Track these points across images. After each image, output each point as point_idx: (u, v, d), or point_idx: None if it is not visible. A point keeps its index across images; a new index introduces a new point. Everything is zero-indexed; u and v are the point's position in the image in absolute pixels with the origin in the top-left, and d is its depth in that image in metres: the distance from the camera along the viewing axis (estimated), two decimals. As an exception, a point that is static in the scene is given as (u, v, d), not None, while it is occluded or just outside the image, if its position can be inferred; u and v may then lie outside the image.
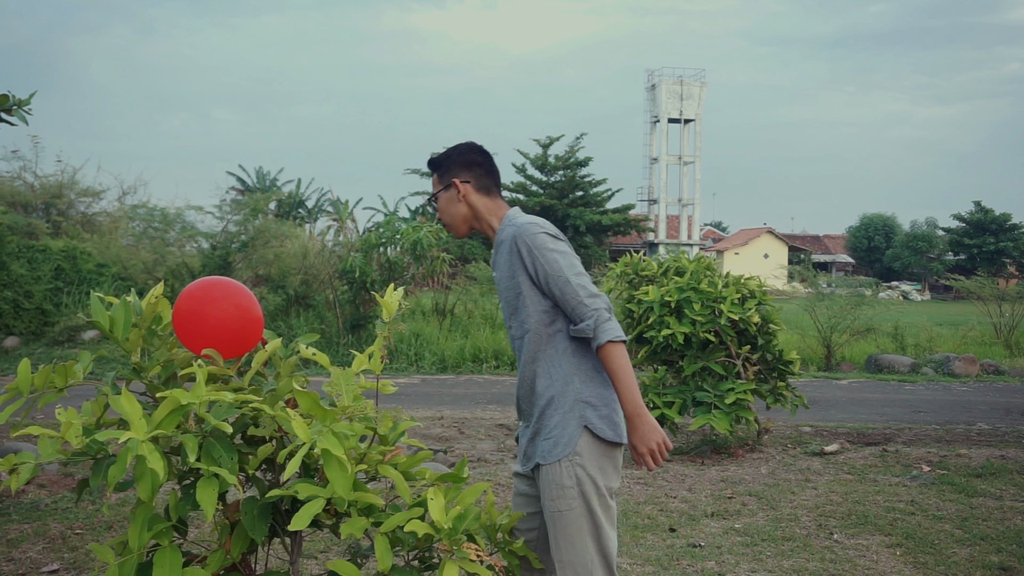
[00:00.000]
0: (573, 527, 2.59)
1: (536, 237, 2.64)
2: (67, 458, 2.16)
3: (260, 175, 52.24)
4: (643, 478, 6.50)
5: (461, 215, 2.83)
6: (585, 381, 2.64)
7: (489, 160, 2.89)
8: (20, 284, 15.10)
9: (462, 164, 2.84)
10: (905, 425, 9.39)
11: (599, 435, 2.61)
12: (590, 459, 2.60)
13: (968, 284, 18.84)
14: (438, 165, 2.86)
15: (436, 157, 2.87)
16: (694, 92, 62.45)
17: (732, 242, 67.52)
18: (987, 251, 57.11)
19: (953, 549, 4.85)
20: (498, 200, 2.86)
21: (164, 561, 2.16)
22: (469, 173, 2.83)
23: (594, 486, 2.60)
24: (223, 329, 2.49)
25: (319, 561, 4.51)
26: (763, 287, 7.68)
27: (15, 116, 5.38)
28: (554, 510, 2.60)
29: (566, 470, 2.59)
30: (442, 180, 2.85)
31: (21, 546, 4.77)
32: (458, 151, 2.86)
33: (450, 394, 11.65)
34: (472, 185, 2.82)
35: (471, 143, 2.90)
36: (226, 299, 2.55)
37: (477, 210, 2.82)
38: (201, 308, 2.51)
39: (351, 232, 22.39)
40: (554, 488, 2.60)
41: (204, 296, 2.55)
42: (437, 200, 2.87)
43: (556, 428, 2.63)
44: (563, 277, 2.60)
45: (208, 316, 2.50)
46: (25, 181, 19.31)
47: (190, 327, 2.49)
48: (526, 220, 2.70)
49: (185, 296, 2.54)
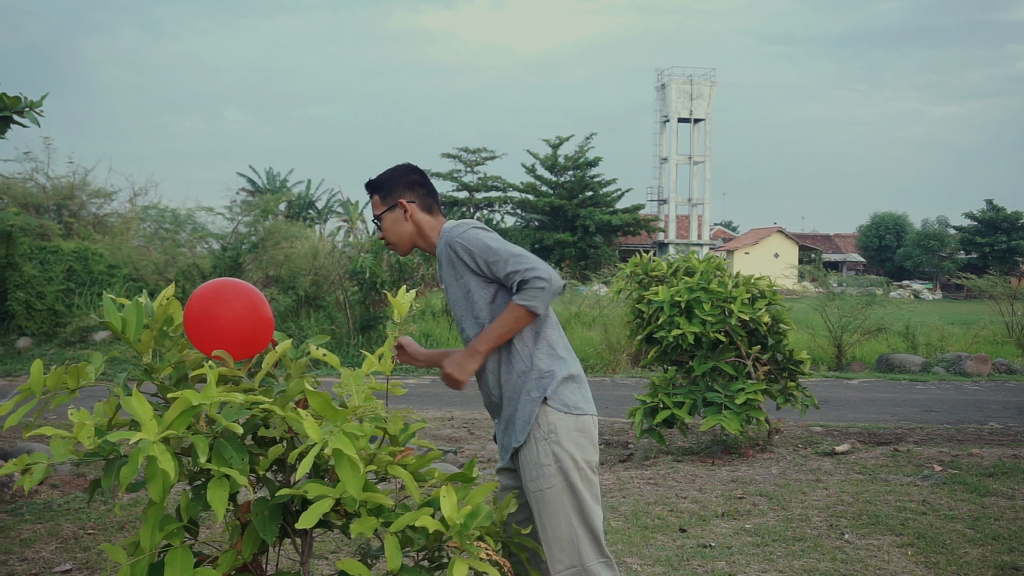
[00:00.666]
0: (556, 504, 2.65)
1: (465, 233, 2.78)
2: (79, 459, 2.17)
3: (270, 176, 52.37)
4: (653, 478, 6.50)
5: (407, 234, 2.94)
6: (543, 359, 2.76)
7: (428, 180, 3.02)
8: (32, 285, 15.17)
9: (405, 185, 2.95)
10: (916, 425, 9.35)
11: (559, 409, 2.70)
12: (564, 435, 2.69)
13: (980, 283, 18.75)
14: (380, 187, 2.96)
15: (377, 180, 2.97)
16: (704, 91, 62.33)
17: (742, 242, 67.38)
18: (999, 250, 56.79)
19: (965, 549, 4.83)
20: (439, 217, 2.98)
21: (175, 561, 2.17)
22: (413, 193, 2.95)
23: (573, 461, 2.68)
24: (234, 330, 2.51)
25: (329, 561, 4.52)
26: (773, 287, 7.67)
27: (27, 118, 5.41)
28: (535, 490, 2.67)
29: (542, 449, 2.67)
30: (386, 201, 2.95)
31: (34, 546, 4.79)
32: (399, 172, 2.96)
33: (460, 395, 11.65)
34: (417, 205, 2.93)
35: (408, 164, 3.02)
36: (237, 300, 2.57)
37: (421, 228, 2.93)
38: (212, 309, 2.53)
39: (361, 233, 22.37)
40: (533, 468, 2.68)
41: (215, 297, 2.57)
42: (382, 220, 2.95)
43: (521, 411, 2.73)
44: (490, 248, 2.72)
45: (219, 317, 2.51)
46: (37, 183, 19.39)
47: (201, 329, 2.50)
48: (451, 224, 2.84)
49: (196, 298, 2.56)
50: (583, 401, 2.79)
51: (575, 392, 2.78)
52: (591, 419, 2.79)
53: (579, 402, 2.77)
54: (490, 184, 47.81)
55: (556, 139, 47.38)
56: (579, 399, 2.78)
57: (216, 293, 2.59)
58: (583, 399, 2.80)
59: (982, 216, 58.99)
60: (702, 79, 62.74)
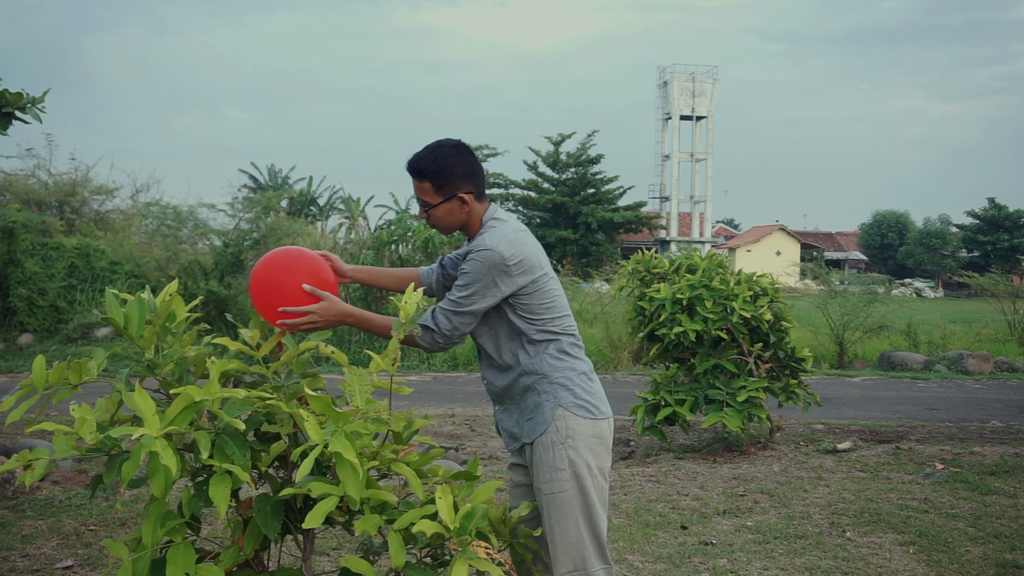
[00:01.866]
0: (566, 508, 2.66)
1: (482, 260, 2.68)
2: (81, 454, 2.17)
3: (272, 173, 52.30)
4: (654, 476, 6.50)
5: (459, 222, 2.83)
6: (557, 365, 2.73)
7: (477, 160, 2.84)
8: (34, 281, 15.17)
9: (463, 175, 2.76)
10: (918, 423, 9.35)
11: (578, 414, 2.69)
12: (582, 441, 2.68)
13: (982, 281, 18.74)
14: (434, 176, 2.74)
15: (430, 166, 2.74)
16: (706, 89, 62.25)
17: (744, 239, 67.35)
18: (1001, 248, 56.73)
19: (966, 547, 4.83)
20: (485, 202, 2.86)
21: (177, 557, 2.17)
22: (471, 183, 2.78)
23: (587, 467, 2.67)
24: (300, 299, 2.63)
25: (332, 558, 4.52)
26: (775, 284, 7.66)
27: (29, 114, 5.41)
28: (547, 492, 2.67)
29: (559, 453, 2.66)
30: (441, 192, 2.75)
31: (36, 542, 4.79)
32: (454, 160, 2.75)
33: (461, 391, 11.66)
34: (474, 195, 2.80)
35: (459, 144, 2.80)
36: (302, 267, 2.69)
37: (472, 218, 2.82)
38: (279, 278, 2.65)
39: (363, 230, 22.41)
40: (547, 471, 2.67)
41: (282, 266, 2.69)
42: (435, 209, 2.79)
43: (535, 409, 2.72)
44: (467, 281, 2.68)
45: (286, 286, 2.63)
46: (39, 179, 19.40)
47: (267, 297, 2.63)
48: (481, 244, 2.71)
49: (262, 266, 2.68)
50: (601, 403, 2.78)
51: (592, 393, 2.77)
52: (608, 423, 2.77)
53: (599, 404, 2.76)
54: (492, 181, 47.76)
55: (558, 136, 47.33)
56: (598, 401, 2.77)
57: (286, 261, 2.70)
58: (601, 400, 2.79)
59: (984, 214, 58.90)
60: (704, 76, 62.66)
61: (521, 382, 2.74)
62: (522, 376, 2.74)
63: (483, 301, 2.68)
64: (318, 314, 2.65)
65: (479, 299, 2.68)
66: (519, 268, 2.69)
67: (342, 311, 2.70)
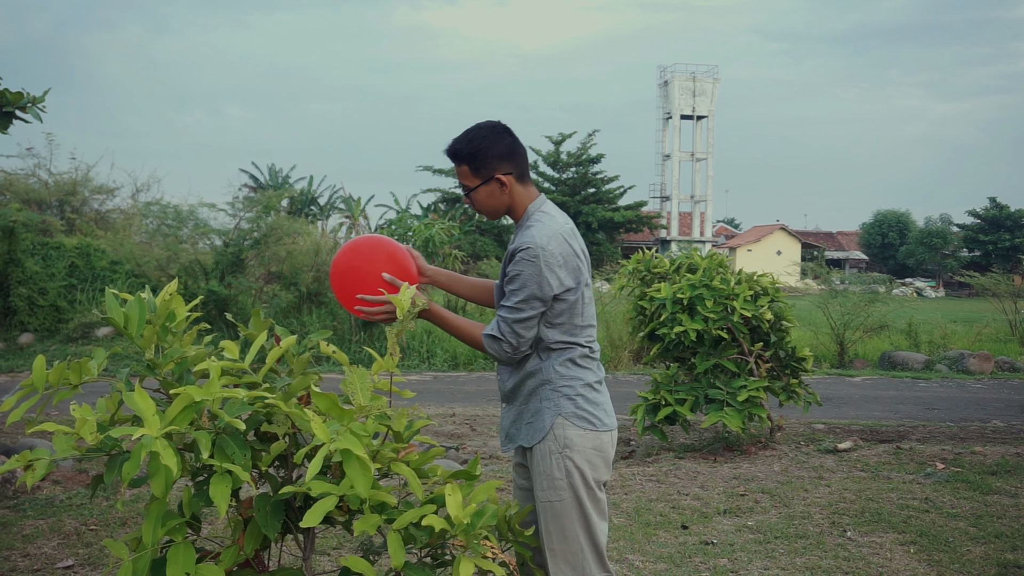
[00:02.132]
0: (563, 517, 2.64)
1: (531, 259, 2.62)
2: (82, 454, 2.17)
3: (272, 172, 52.28)
4: (655, 475, 6.50)
5: (503, 205, 2.76)
6: (564, 373, 2.68)
7: (519, 141, 2.77)
8: (35, 281, 15.18)
9: (500, 155, 2.70)
10: (919, 422, 9.35)
11: (578, 425, 2.65)
12: (579, 452, 2.64)
13: (983, 281, 18.75)
14: (471, 158, 2.69)
15: (466, 148, 2.70)
16: (707, 88, 62.25)
17: (745, 239, 67.34)
18: (1002, 247, 56.71)
19: (967, 547, 4.83)
20: (529, 186, 2.78)
21: (178, 557, 2.16)
22: (509, 163, 2.72)
23: (582, 478, 2.64)
24: (379, 288, 2.67)
25: (332, 558, 4.52)
26: (776, 284, 7.66)
27: (29, 113, 5.42)
28: (544, 500, 2.66)
29: (556, 462, 2.64)
30: (479, 174, 2.70)
31: (36, 542, 4.80)
32: (491, 140, 2.69)
33: (461, 391, 11.66)
34: (514, 176, 2.73)
35: (497, 126, 2.74)
36: (383, 256, 2.73)
37: (515, 201, 2.75)
38: (360, 265, 2.70)
39: (363, 229, 22.39)
40: (544, 479, 2.66)
41: (364, 253, 2.73)
42: (475, 193, 2.74)
43: (536, 415, 2.68)
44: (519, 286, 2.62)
45: (366, 274, 2.67)
46: (39, 178, 19.41)
47: (347, 284, 2.69)
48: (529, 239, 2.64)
49: (344, 253, 2.73)
50: (604, 414, 2.71)
51: (597, 404, 2.70)
52: (610, 435, 2.71)
53: (601, 416, 2.70)
54: (492, 180, 47.71)
55: (559, 136, 47.30)
56: (601, 412, 2.70)
57: (363, 250, 2.73)
58: (604, 411, 2.72)
59: (985, 214, 58.88)
60: (705, 76, 62.65)
61: (527, 384, 2.71)
62: (528, 379, 2.70)
63: (538, 304, 2.62)
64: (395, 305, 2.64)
65: (534, 301, 2.62)
66: (566, 270, 2.66)
67: (433, 312, 2.70)
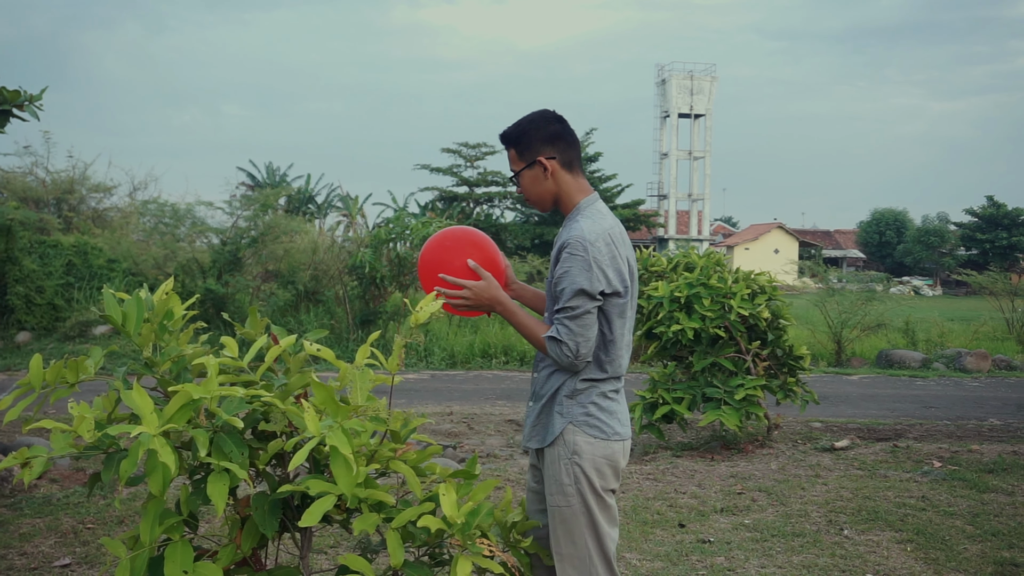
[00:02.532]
0: (572, 523, 2.62)
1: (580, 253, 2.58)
2: (79, 452, 2.17)
3: (270, 170, 52.29)
4: (652, 474, 6.50)
5: (549, 192, 2.74)
6: (586, 380, 2.64)
7: (569, 130, 2.74)
8: (32, 279, 15.16)
9: (545, 139, 2.69)
10: (916, 421, 9.36)
11: (588, 433, 2.62)
12: (588, 460, 2.61)
13: (980, 279, 18.77)
14: (516, 140, 2.71)
15: (513, 131, 2.72)
16: (704, 87, 62.27)
17: (742, 237, 67.35)
18: (1000, 246, 56.70)
19: (964, 545, 4.83)
20: (579, 177, 2.76)
21: (175, 555, 2.16)
22: (553, 148, 2.70)
23: (590, 486, 2.61)
24: (463, 275, 2.71)
25: (329, 556, 4.52)
26: (773, 282, 7.66)
27: (27, 111, 5.40)
28: (553, 505, 2.65)
29: (565, 468, 2.61)
30: (524, 157, 2.71)
31: (33, 540, 4.79)
32: (537, 123, 2.70)
33: (459, 390, 11.65)
34: (558, 161, 2.70)
35: (547, 112, 2.73)
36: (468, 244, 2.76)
37: (561, 189, 2.73)
38: (451, 245, 2.74)
39: (361, 228, 22.37)
40: (554, 484, 2.64)
41: (458, 237, 2.76)
42: (520, 178, 2.74)
43: (550, 418, 2.67)
44: (571, 285, 2.56)
45: (453, 257, 2.72)
46: (37, 176, 19.39)
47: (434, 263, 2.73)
48: (578, 233, 2.61)
49: (441, 235, 2.77)
50: (617, 423, 2.67)
51: (610, 413, 2.66)
52: (622, 445, 2.67)
53: (614, 425, 2.66)
54: (490, 179, 47.68)
55: (556, 134, 47.28)
56: (614, 421, 2.66)
57: (459, 234, 2.77)
58: (617, 420, 2.68)
59: (983, 212, 58.89)
60: (703, 74, 62.66)
61: (550, 383, 2.68)
62: (551, 377, 2.68)
63: (589, 301, 2.57)
64: (473, 292, 2.67)
65: (584, 297, 2.56)
66: (612, 271, 2.61)
67: (496, 296, 2.68)
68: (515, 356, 14.61)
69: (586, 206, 2.71)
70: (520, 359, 14.51)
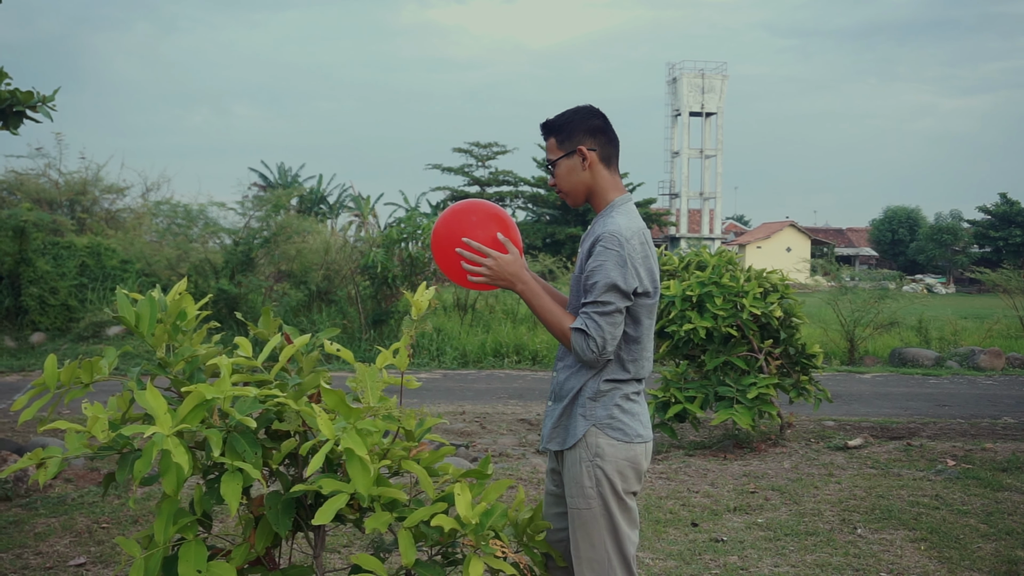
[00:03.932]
0: (591, 525, 2.60)
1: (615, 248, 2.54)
2: (93, 453, 2.18)
3: (282, 171, 52.47)
4: (665, 473, 6.49)
5: (583, 184, 2.71)
6: (609, 381, 2.62)
7: (611, 128, 2.74)
8: (46, 280, 15.24)
9: (586, 130, 2.68)
10: (929, 419, 9.32)
11: (611, 436, 2.59)
12: (610, 462, 2.59)
13: (994, 277, 18.64)
14: (558, 129, 2.70)
15: (555, 121, 2.71)
16: (715, 85, 62.13)
17: (754, 236, 67.16)
18: (1013, 243, 56.40)
19: (978, 544, 4.81)
20: (616, 175, 2.74)
21: (189, 555, 2.17)
22: (594, 140, 2.69)
23: (611, 488, 2.59)
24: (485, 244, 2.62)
25: (342, 555, 4.53)
26: (785, 281, 7.64)
27: (40, 113, 5.44)
28: (573, 507, 2.62)
29: (587, 470, 2.59)
30: (563, 146, 2.69)
31: (48, 540, 4.82)
32: (580, 115, 2.70)
33: (471, 389, 11.66)
34: (597, 154, 2.69)
35: (591, 107, 2.74)
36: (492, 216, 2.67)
37: (596, 182, 2.70)
38: (475, 209, 2.66)
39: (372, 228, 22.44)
40: (575, 486, 2.62)
41: (481, 207, 2.68)
42: (556, 167, 2.72)
43: (572, 420, 2.64)
44: (603, 280, 2.52)
45: (475, 225, 2.63)
46: (50, 178, 19.47)
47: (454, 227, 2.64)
48: (614, 227, 2.58)
49: (443, 222, 2.67)
50: (640, 425, 2.65)
51: (633, 415, 2.64)
52: (644, 447, 2.65)
53: (636, 427, 2.63)
54: (501, 179, 47.79)
55: (567, 133, 47.24)
56: (636, 423, 2.63)
57: (484, 206, 2.68)
58: (639, 423, 2.65)
59: (996, 210, 58.57)
60: (713, 73, 62.52)
61: (571, 384, 2.65)
62: (572, 378, 2.65)
63: (621, 298, 2.54)
64: (497, 263, 2.59)
65: (617, 293, 2.53)
66: (644, 270, 2.59)
67: (519, 274, 2.61)
68: (527, 355, 14.60)
69: (620, 203, 2.69)
70: (532, 358, 14.50)
